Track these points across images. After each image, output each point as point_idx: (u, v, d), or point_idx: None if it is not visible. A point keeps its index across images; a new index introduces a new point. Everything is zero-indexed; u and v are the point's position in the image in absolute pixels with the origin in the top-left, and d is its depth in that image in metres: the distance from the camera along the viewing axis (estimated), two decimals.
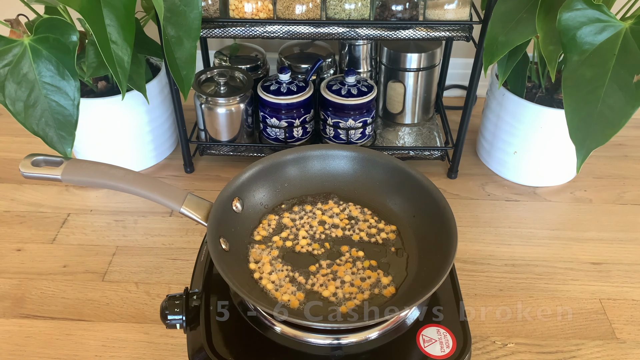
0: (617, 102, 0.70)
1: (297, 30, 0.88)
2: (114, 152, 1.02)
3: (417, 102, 1.08)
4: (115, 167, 0.64)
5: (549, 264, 0.86)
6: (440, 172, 1.05)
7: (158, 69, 1.04)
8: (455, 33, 0.87)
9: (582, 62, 0.72)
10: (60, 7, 0.86)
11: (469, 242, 0.90)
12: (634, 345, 0.74)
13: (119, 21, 0.73)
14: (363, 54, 1.08)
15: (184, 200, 0.63)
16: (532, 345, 0.73)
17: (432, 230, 0.64)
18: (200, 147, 1.05)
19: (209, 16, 0.88)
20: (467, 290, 0.81)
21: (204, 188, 1.02)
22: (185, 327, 0.60)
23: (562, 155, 0.97)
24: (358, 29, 0.88)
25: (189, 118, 1.08)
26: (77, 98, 0.78)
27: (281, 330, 0.58)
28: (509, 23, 0.81)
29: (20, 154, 1.10)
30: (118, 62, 0.75)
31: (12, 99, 0.76)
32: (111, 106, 0.95)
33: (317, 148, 0.73)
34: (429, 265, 0.61)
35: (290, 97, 0.96)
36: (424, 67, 1.02)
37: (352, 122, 0.97)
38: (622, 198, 1.00)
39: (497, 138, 1.01)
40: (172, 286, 0.81)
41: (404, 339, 0.58)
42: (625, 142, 1.14)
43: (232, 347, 0.57)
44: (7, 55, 0.75)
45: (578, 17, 0.71)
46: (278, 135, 1.00)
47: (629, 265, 0.86)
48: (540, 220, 0.95)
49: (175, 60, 0.82)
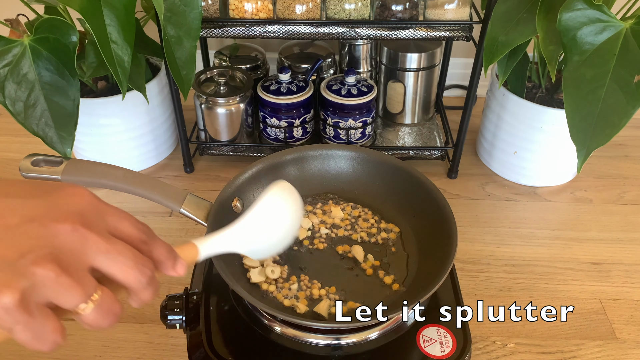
0: (617, 102, 0.70)
1: (297, 30, 0.88)
2: (114, 152, 1.02)
3: (417, 102, 1.07)
4: (115, 167, 0.64)
5: (549, 264, 0.86)
6: (440, 172, 1.05)
7: (158, 69, 1.04)
8: (455, 33, 0.87)
9: (583, 62, 0.72)
10: (60, 7, 0.86)
11: (469, 242, 0.90)
12: (634, 345, 0.74)
13: (119, 21, 0.73)
14: (363, 54, 1.08)
15: (183, 200, 0.62)
16: (532, 345, 0.73)
17: (432, 230, 0.64)
18: (200, 147, 1.05)
19: (209, 16, 0.88)
20: (467, 290, 0.81)
21: (204, 188, 1.02)
22: (185, 327, 0.60)
23: (562, 155, 0.97)
24: (358, 29, 0.88)
25: (189, 118, 1.08)
26: (77, 98, 0.78)
27: (281, 330, 0.58)
28: (509, 23, 0.81)
29: (20, 154, 1.10)
30: (118, 62, 0.75)
31: (12, 99, 0.76)
32: (111, 106, 0.95)
33: (317, 148, 0.73)
34: (429, 265, 0.61)
35: (290, 97, 0.96)
36: (424, 67, 1.02)
37: (352, 122, 0.97)
38: (622, 198, 1.00)
39: (497, 138, 1.01)
40: (172, 286, 0.81)
41: (404, 339, 0.58)
42: (626, 142, 1.14)
43: (232, 347, 0.57)
44: (7, 55, 0.75)
45: (578, 17, 0.71)
46: (278, 135, 1.00)
47: (629, 265, 0.86)
48: (541, 220, 0.95)
49: (175, 60, 0.82)
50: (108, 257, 0.34)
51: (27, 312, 0.30)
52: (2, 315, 0.30)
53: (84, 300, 0.32)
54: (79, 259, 0.33)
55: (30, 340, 0.31)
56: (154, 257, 0.38)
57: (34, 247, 0.31)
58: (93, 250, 0.33)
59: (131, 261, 0.34)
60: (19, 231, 0.32)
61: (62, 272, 0.31)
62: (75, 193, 0.35)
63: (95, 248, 0.33)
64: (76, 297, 0.32)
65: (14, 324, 0.30)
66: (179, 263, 0.40)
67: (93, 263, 0.33)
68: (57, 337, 0.32)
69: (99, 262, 0.34)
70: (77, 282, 0.32)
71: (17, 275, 0.30)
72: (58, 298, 0.32)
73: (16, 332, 0.31)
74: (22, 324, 0.30)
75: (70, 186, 0.36)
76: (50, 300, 0.31)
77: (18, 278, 0.30)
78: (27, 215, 0.33)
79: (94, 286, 0.33)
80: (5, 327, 0.30)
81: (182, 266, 0.40)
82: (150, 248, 0.37)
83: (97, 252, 0.33)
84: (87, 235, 0.33)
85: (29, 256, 0.31)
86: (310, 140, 1.04)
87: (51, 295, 0.31)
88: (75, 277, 0.32)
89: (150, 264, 0.36)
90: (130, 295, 0.36)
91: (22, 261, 0.31)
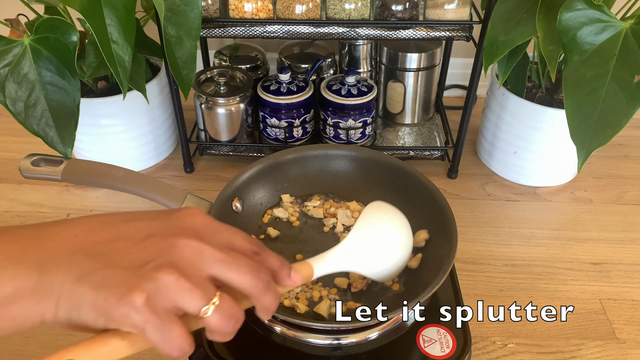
0: (617, 102, 0.70)
1: (297, 30, 0.88)
2: (114, 152, 1.02)
3: (417, 102, 1.07)
4: (115, 167, 0.64)
5: (549, 264, 0.86)
6: (440, 172, 1.05)
7: (158, 69, 1.04)
8: (455, 33, 0.87)
9: (583, 62, 0.72)
10: (60, 7, 0.86)
11: (469, 242, 0.90)
12: (634, 346, 0.74)
13: (120, 21, 0.73)
14: (363, 54, 1.08)
15: (183, 200, 0.62)
16: (532, 345, 0.73)
17: (432, 230, 0.64)
18: (200, 147, 1.05)
19: (209, 16, 0.88)
20: (467, 290, 0.81)
21: (204, 188, 1.02)
22: None
23: (562, 155, 0.97)
24: (358, 29, 0.88)
25: (189, 118, 1.08)
26: (77, 98, 0.78)
27: (281, 331, 0.58)
28: (509, 23, 0.81)
29: (20, 154, 1.10)
30: (119, 62, 0.75)
31: (13, 99, 0.76)
32: (111, 106, 0.95)
33: (317, 148, 0.73)
34: (429, 265, 0.61)
35: (290, 97, 0.96)
36: (424, 67, 1.02)
37: (352, 122, 0.97)
38: (622, 198, 1.00)
39: (497, 138, 1.01)
40: None
41: (404, 339, 0.58)
42: (626, 142, 1.14)
43: (232, 347, 0.57)
44: (7, 55, 0.75)
45: (578, 17, 0.71)
46: (278, 135, 1.00)
47: (629, 265, 0.86)
48: (541, 220, 0.95)
49: (176, 59, 0.82)
50: (223, 265, 0.36)
51: (155, 313, 0.33)
52: (134, 315, 0.33)
53: (205, 303, 0.35)
54: (197, 267, 0.36)
55: (160, 341, 0.33)
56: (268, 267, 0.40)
57: (156, 257, 0.35)
58: (209, 260, 0.36)
59: (246, 267, 0.37)
60: (143, 244, 0.36)
61: (181, 276, 0.34)
62: (191, 213, 0.39)
63: (211, 257, 0.36)
64: (197, 300, 0.34)
65: (144, 323, 0.33)
66: (295, 272, 0.42)
67: (210, 271, 0.36)
68: (183, 343, 0.34)
69: (215, 269, 0.36)
70: (197, 286, 0.35)
71: (142, 279, 0.34)
72: (181, 300, 0.34)
73: (147, 332, 0.33)
74: (151, 324, 0.33)
75: (187, 208, 0.40)
76: (174, 303, 0.34)
77: (143, 281, 0.33)
78: (150, 233, 0.37)
79: (214, 291, 0.35)
80: (138, 327, 0.33)
81: (298, 276, 0.42)
82: (263, 259, 0.40)
83: (213, 260, 0.36)
84: (202, 247, 0.36)
85: (151, 263, 0.35)
86: (310, 140, 1.04)
87: (174, 297, 0.34)
88: (194, 282, 0.35)
89: (265, 269, 0.39)
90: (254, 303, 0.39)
91: (145, 268, 0.34)
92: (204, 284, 0.35)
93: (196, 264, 0.36)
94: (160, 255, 0.35)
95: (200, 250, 0.36)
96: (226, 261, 0.37)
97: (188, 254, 0.36)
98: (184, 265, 0.35)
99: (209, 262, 0.36)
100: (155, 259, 0.35)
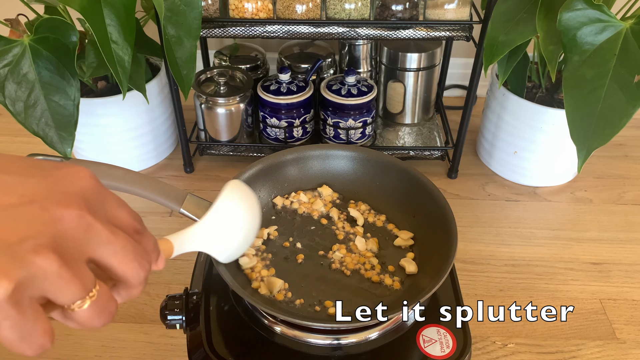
0: (617, 102, 0.70)
1: (297, 30, 0.88)
2: (114, 152, 1.02)
3: (417, 102, 1.07)
4: (115, 167, 0.63)
5: (549, 264, 0.86)
6: (440, 172, 1.05)
7: (158, 69, 1.04)
8: (455, 33, 0.87)
9: (583, 62, 0.72)
10: (60, 7, 0.86)
11: (469, 242, 0.90)
12: (634, 346, 0.74)
13: (120, 21, 0.73)
14: (363, 54, 1.08)
15: (183, 200, 0.62)
16: (532, 345, 0.73)
17: (432, 230, 0.64)
18: (200, 147, 1.05)
19: (209, 16, 0.88)
20: (467, 290, 0.81)
21: (204, 188, 1.02)
22: (185, 327, 0.60)
23: (562, 155, 0.97)
24: (358, 29, 0.88)
25: (189, 118, 1.08)
26: (77, 98, 0.78)
27: (281, 331, 0.58)
28: (509, 23, 0.81)
29: (20, 154, 1.09)
30: (119, 62, 0.75)
31: (12, 99, 0.76)
32: (111, 106, 0.95)
33: (317, 148, 0.73)
34: (429, 265, 0.61)
35: (290, 97, 0.96)
36: (424, 67, 1.02)
37: (352, 122, 0.97)
38: (622, 198, 1.00)
39: (497, 138, 1.01)
40: (171, 286, 0.81)
41: (404, 339, 0.58)
42: (626, 142, 1.14)
43: (232, 347, 0.57)
44: (7, 55, 0.75)
45: (578, 17, 0.71)
46: (278, 135, 1.00)
47: (629, 265, 0.86)
48: (541, 220, 0.95)
49: (176, 59, 0.82)
50: (109, 249, 0.31)
51: (18, 308, 0.26)
52: None
53: (81, 297, 0.29)
54: (80, 249, 0.30)
55: (16, 340, 0.27)
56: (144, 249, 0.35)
57: (35, 233, 0.28)
58: (95, 240, 0.30)
59: (132, 254, 0.32)
60: (17, 212, 0.28)
61: (63, 264, 0.28)
62: (78, 174, 0.32)
63: (98, 238, 0.30)
64: (75, 293, 0.29)
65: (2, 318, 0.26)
66: (161, 257, 0.38)
67: (92, 254, 0.30)
68: (45, 341, 0.28)
69: (99, 253, 0.31)
70: (76, 276, 0.29)
71: (16, 263, 0.26)
72: (55, 293, 0.28)
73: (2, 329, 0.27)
74: (10, 320, 0.26)
75: (72, 166, 0.32)
76: (45, 295, 0.28)
77: (16, 266, 0.26)
78: (26, 195, 0.29)
79: (93, 281, 0.30)
80: None
81: (163, 261, 0.38)
82: (141, 239, 0.35)
83: (99, 242, 0.30)
84: (91, 224, 0.30)
85: (29, 242, 0.27)
86: (310, 140, 1.03)
87: (48, 289, 0.28)
88: (74, 270, 0.28)
89: (148, 257, 0.34)
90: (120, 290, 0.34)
91: (22, 246, 0.27)
92: (83, 272, 0.29)
93: (79, 244, 0.29)
94: (40, 233, 0.28)
95: (87, 228, 0.30)
96: (113, 244, 0.31)
97: (73, 231, 0.29)
98: (66, 247, 0.29)
99: (93, 244, 0.30)
100: (34, 236, 0.27)
